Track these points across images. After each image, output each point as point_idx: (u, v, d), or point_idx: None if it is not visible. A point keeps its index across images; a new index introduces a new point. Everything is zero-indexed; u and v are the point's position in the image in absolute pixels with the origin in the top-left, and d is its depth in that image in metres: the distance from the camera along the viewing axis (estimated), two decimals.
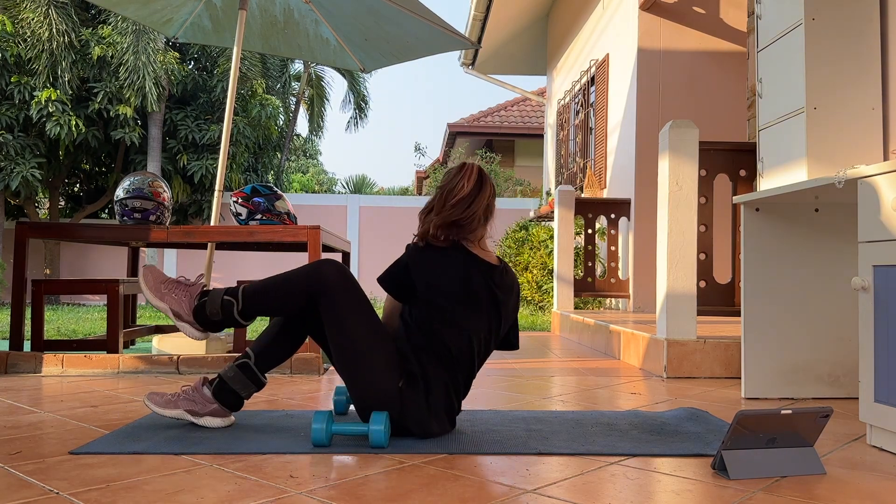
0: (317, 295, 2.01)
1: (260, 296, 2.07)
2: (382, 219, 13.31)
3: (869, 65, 2.77)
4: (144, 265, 2.15)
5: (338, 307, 1.99)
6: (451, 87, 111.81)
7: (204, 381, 2.14)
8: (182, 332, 2.10)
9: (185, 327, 2.09)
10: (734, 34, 6.27)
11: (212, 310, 2.07)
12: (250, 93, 12.08)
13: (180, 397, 2.12)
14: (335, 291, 1.99)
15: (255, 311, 2.08)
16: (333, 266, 2.04)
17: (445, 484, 1.60)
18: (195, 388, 2.13)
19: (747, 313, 2.81)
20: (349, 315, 1.99)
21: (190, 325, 2.09)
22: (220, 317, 2.07)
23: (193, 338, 2.12)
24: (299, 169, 26.65)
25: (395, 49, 4.67)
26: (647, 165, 6.01)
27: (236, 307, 2.06)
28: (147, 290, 2.11)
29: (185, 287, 2.12)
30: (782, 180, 2.90)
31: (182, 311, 2.08)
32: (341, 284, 2.00)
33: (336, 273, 2.02)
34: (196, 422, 2.10)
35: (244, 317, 2.08)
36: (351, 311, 1.99)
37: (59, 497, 1.48)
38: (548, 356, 4.33)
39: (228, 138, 4.11)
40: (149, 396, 2.14)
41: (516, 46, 10.48)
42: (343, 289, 2.00)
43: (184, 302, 2.09)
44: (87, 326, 6.38)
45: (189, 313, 2.08)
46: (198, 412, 2.10)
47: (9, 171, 10.53)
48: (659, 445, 1.96)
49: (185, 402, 2.11)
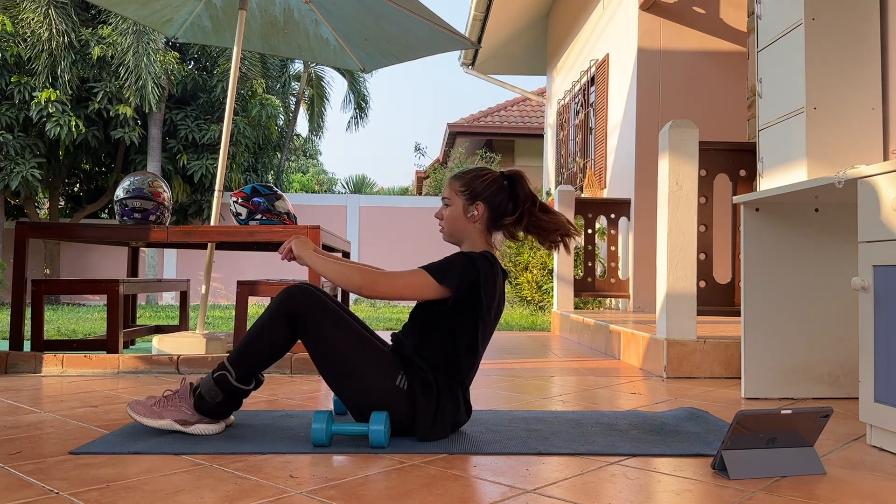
0: (294, 326, 1.96)
1: (247, 356, 2.01)
2: (382, 219, 13.32)
3: (869, 65, 2.77)
4: (128, 404, 2.10)
5: (316, 329, 1.95)
6: (451, 87, 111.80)
7: (190, 389, 2.06)
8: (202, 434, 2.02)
9: (199, 429, 2.02)
10: (734, 34, 6.26)
11: (210, 395, 2.00)
12: (250, 93, 12.09)
13: (165, 405, 2.04)
14: (309, 315, 1.95)
15: (251, 372, 2.02)
16: (298, 292, 1.98)
17: (445, 484, 1.60)
18: (181, 396, 2.05)
19: (747, 313, 2.81)
20: (329, 333, 1.96)
21: (202, 423, 2.02)
22: (222, 396, 2.00)
23: (214, 433, 2.03)
24: (299, 169, 26.65)
25: (395, 49, 4.67)
26: (647, 165, 6.01)
27: (231, 377, 1.99)
28: (145, 420, 2.03)
29: (175, 395, 2.05)
30: (782, 180, 2.90)
31: (187, 416, 2.02)
32: (313, 307, 1.96)
33: (303, 297, 1.97)
34: (186, 431, 2.02)
35: (244, 382, 2.02)
36: (330, 329, 1.96)
37: (59, 497, 1.48)
38: (548, 356, 4.33)
39: (228, 138, 4.11)
40: (132, 406, 2.06)
41: (516, 46, 10.48)
42: (315, 310, 1.96)
43: (182, 406, 2.02)
44: (87, 326, 6.38)
45: (194, 413, 2.02)
46: (187, 421, 2.02)
47: (9, 171, 10.53)
48: (659, 445, 1.96)
49: (171, 412, 2.03)
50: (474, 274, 1.98)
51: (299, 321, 1.96)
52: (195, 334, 3.86)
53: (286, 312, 1.96)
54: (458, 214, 2.11)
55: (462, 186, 2.11)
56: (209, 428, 2.03)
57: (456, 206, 2.11)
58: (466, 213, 2.10)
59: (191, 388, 2.06)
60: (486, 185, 2.11)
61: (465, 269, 1.98)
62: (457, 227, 2.12)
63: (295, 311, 1.96)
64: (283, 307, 1.97)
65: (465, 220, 2.11)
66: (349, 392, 1.99)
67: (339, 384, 2.00)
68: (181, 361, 3.37)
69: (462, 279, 1.97)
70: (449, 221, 2.13)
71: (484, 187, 2.10)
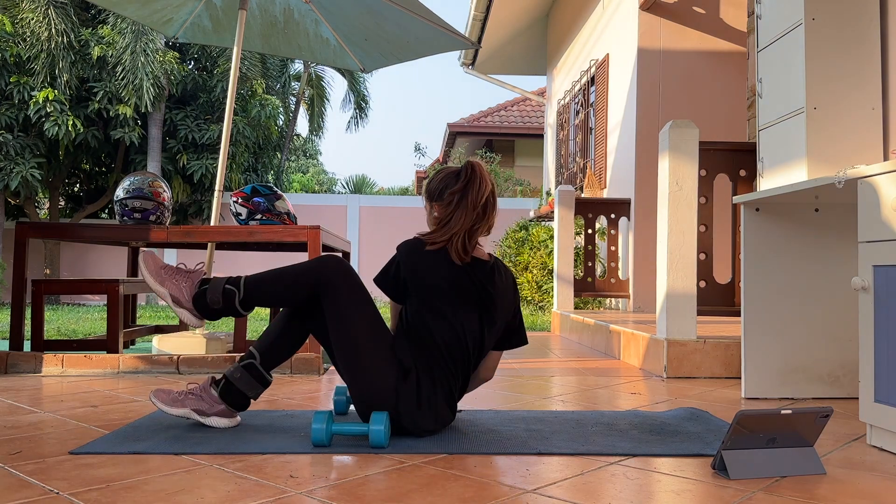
0: (320, 290, 2.01)
1: (263, 286, 2.06)
2: (382, 219, 13.31)
3: (869, 65, 2.77)
4: (144, 250, 2.14)
5: (341, 302, 1.99)
6: (451, 87, 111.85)
7: (211, 381, 2.13)
8: (179, 317, 2.09)
9: (182, 313, 2.07)
10: (734, 34, 6.27)
11: (212, 297, 2.05)
12: (250, 93, 12.08)
13: (187, 396, 2.11)
14: (339, 287, 2.00)
15: (256, 302, 2.08)
16: (337, 262, 2.05)
17: (445, 484, 1.60)
18: (203, 388, 2.12)
19: (747, 313, 2.81)
20: (351, 310, 1.99)
21: (189, 311, 2.07)
22: (221, 305, 2.06)
23: (190, 324, 2.10)
24: (299, 169, 26.65)
25: (395, 49, 4.67)
26: (647, 165, 6.01)
27: (238, 296, 2.05)
28: (147, 274, 2.09)
29: (185, 273, 2.11)
30: (782, 180, 2.90)
31: (181, 297, 2.06)
32: (345, 280, 2.01)
33: (340, 269, 2.03)
34: (203, 421, 2.09)
35: (244, 307, 2.07)
36: (353, 306, 2.00)
37: (59, 497, 1.48)
38: (548, 356, 4.33)
39: (228, 138, 4.11)
40: (155, 394, 2.13)
41: (516, 46, 10.48)
42: (346, 285, 2.01)
43: (184, 288, 2.07)
44: (87, 326, 6.38)
45: (189, 300, 2.06)
46: (205, 412, 2.09)
47: (8, 171, 10.53)
48: (659, 445, 1.96)
49: (192, 401, 2.10)
50: (393, 264, 2.09)
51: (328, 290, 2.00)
52: (195, 334, 3.86)
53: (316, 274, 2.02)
54: (428, 218, 2.17)
55: (424, 191, 2.18)
56: (223, 421, 2.09)
57: (428, 213, 2.17)
58: (429, 216, 2.15)
59: (212, 380, 2.13)
60: (437, 182, 2.14)
61: (388, 264, 2.10)
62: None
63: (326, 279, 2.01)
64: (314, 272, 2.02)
65: (432, 222, 2.15)
66: (352, 374, 2.00)
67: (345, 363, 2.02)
68: (181, 361, 3.37)
69: (386, 275, 2.09)
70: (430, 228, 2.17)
71: (436, 185, 2.14)
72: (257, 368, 2.10)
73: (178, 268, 2.13)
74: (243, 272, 11.71)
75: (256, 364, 2.10)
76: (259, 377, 2.11)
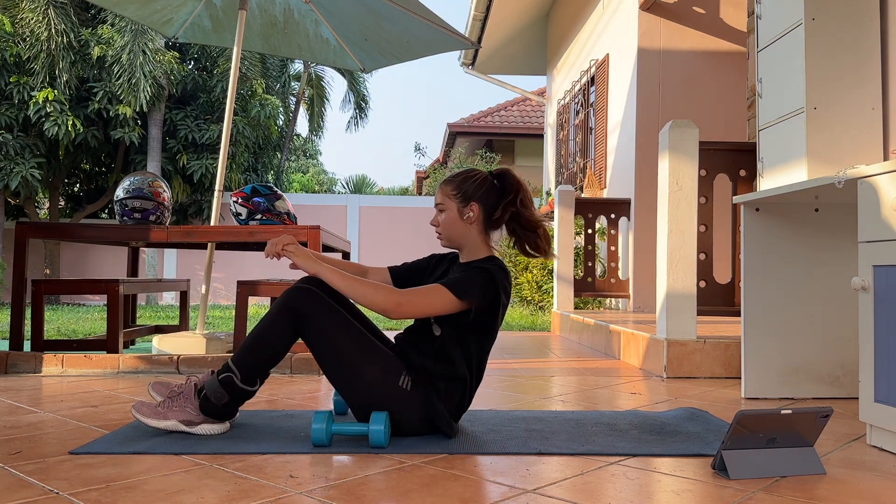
0: (297, 327, 1.96)
1: (251, 355, 2.00)
2: (382, 219, 13.31)
3: (869, 65, 2.77)
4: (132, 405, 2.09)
5: (318, 329, 1.96)
6: (451, 87, 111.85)
7: (195, 389, 2.05)
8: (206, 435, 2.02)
9: (204, 429, 2.01)
10: (734, 34, 6.27)
11: (216, 397, 1.99)
12: (250, 93, 12.09)
13: (170, 406, 2.03)
14: (311, 315, 1.95)
15: (256, 372, 2.01)
16: (301, 293, 1.98)
17: (445, 484, 1.60)
18: (186, 397, 2.04)
19: (747, 313, 2.81)
20: (331, 333, 1.96)
21: (206, 423, 2.02)
22: (228, 397, 2.00)
23: (219, 433, 2.03)
24: (299, 169, 26.66)
25: (395, 49, 4.67)
26: (647, 165, 6.01)
27: (237, 378, 1.99)
28: (149, 421, 2.02)
29: (179, 396, 2.04)
30: (782, 180, 2.90)
31: (192, 417, 2.01)
32: (314, 307, 1.96)
33: (308, 299, 1.97)
34: (191, 431, 2.02)
35: (249, 383, 2.01)
36: (332, 329, 1.96)
37: (59, 497, 1.48)
38: (548, 356, 4.33)
39: (228, 138, 4.11)
40: (136, 408, 2.05)
41: (516, 46, 10.48)
42: (317, 310, 1.96)
43: (187, 407, 2.02)
44: (87, 326, 6.38)
45: (199, 414, 2.01)
46: (192, 421, 2.02)
47: (8, 171, 10.53)
48: (659, 445, 1.96)
49: (176, 413, 2.02)
50: (494, 290, 2.01)
51: (302, 320, 1.96)
52: (195, 334, 3.86)
53: (289, 312, 1.97)
54: (454, 218, 2.11)
55: (454, 189, 2.12)
56: (214, 428, 2.03)
57: (451, 211, 2.12)
58: (462, 215, 2.11)
59: (195, 388, 2.05)
60: (477, 184, 2.12)
61: (486, 285, 2.00)
62: (455, 231, 2.12)
63: (298, 311, 1.96)
64: (287, 306, 1.97)
65: (462, 223, 2.11)
66: (351, 392, 2.00)
67: (341, 384, 2.01)
68: (181, 361, 3.37)
69: (483, 297, 2.00)
70: (446, 226, 2.13)
71: (475, 187, 2.11)
72: (237, 385, 2.00)
73: (171, 393, 2.06)
74: (243, 272, 11.73)
75: (237, 382, 2.00)
76: (240, 393, 2.02)
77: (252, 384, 2.02)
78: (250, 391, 2.03)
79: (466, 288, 1.98)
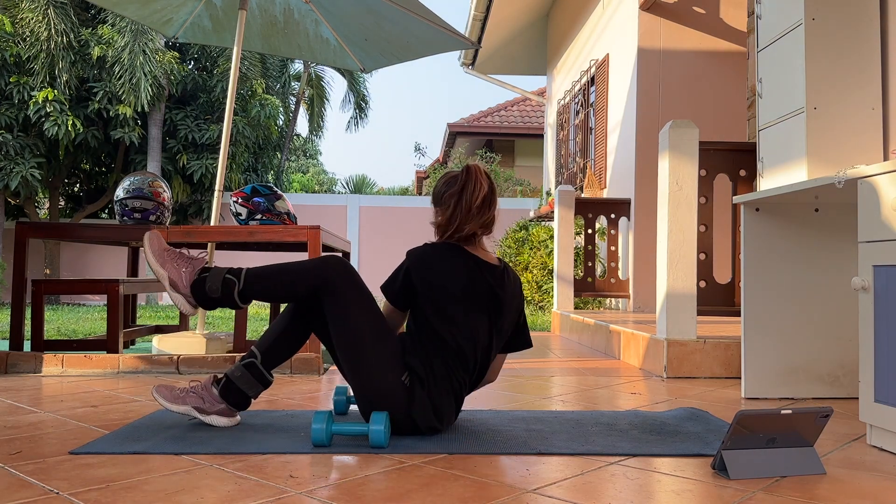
0: (321, 291, 2.01)
1: (263, 280, 2.05)
2: (382, 219, 13.31)
3: (869, 65, 2.77)
4: (152, 230, 2.13)
5: (343, 302, 1.99)
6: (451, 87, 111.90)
7: (213, 380, 2.14)
8: (174, 302, 2.06)
9: (177, 298, 2.04)
10: (734, 34, 6.27)
11: (212, 286, 2.03)
12: (250, 93, 12.08)
13: (189, 393, 2.11)
14: (340, 287, 2.00)
15: (254, 295, 2.06)
16: (339, 262, 2.05)
17: (445, 484, 1.60)
18: (204, 386, 2.12)
19: (747, 313, 2.81)
20: (353, 310, 1.99)
21: (184, 297, 2.04)
22: (219, 294, 2.04)
23: (184, 311, 2.07)
24: (299, 169, 26.66)
25: (395, 49, 4.67)
26: (647, 165, 6.01)
27: (237, 287, 2.03)
28: (150, 254, 2.06)
29: (187, 259, 2.08)
30: (782, 180, 2.90)
31: (180, 283, 2.04)
32: (347, 281, 2.01)
33: (341, 269, 2.02)
34: (203, 419, 2.09)
35: (242, 299, 2.06)
36: (355, 306, 1.99)
37: (59, 497, 1.48)
38: (548, 356, 4.33)
39: (228, 138, 4.11)
40: (157, 389, 2.13)
41: (516, 46, 10.48)
42: (348, 285, 2.00)
43: (184, 273, 2.05)
44: (87, 326, 6.38)
45: (187, 286, 2.04)
46: (205, 410, 2.09)
47: (8, 171, 10.52)
48: (659, 445, 1.96)
49: (193, 399, 2.10)
50: (401, 271, 2.08)
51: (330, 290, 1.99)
52: (195, 334, 3.86)
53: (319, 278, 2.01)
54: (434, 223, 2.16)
55: (432, 196, 2.18)
56: (223, 420, 2.09)
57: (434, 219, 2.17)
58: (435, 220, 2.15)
59: (214, 378, 2.13)
60: (439, 186, 2.16)
61: (396, 271, 2.09)
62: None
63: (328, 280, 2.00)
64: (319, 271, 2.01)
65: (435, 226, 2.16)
66: (356, 373, 2.01)
67: (349, 363, 2.02)
68: (181, 361, 3.37)
69: (394, 282, 2.08)
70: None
71: (437, 192, 2.16)
72: (258, 368, 2.10)
73: (181, 252, 2.11)
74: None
75: (257, 363, 2.10)
76: (260, 376, 2.11)
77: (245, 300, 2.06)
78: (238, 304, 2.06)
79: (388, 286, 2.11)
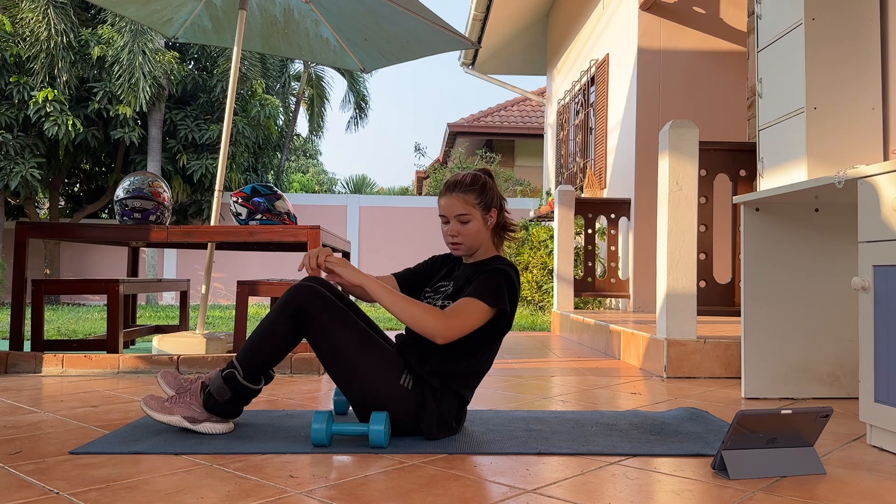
0: (299, 323, 1.98)
1: (254, 353, 2.01)
2: (382, 219, 13.31)
3: (869, 65, 2.77)
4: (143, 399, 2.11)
5: (322, 329, 1.97)
6: (451, 87, 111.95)
7: (201, 387, 2.08)
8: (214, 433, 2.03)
9: (207, 427, 2.03)
10: (734, 34, 6.26)
11: (219, 393, 2.01)
12: (250, 93, 12.08)
13: (177, 402, 2.06)
14: (313, 313, 1.96)
15: (259, 368, 2.02)
16: (304, 289, 1.99)
17: (445, 484, 1.60)
18: (192, 395, 2.06)
19: (747, 313, 2.81)
20: (333, 330, 1.97)
21: (210, 421, 2.03)
22: (230, 393, 2.01)
23: (222, 432, 2.04)
24: (299, 169, 26.65)
25: (395, 49, 4.67)
26: (647, 165, 6.01)
27: (239, 375, 2.00)
28: (155, 414, 2.04)
29: (186, 392, 2.06)
30: (782, 180, 2.90)
31: (195, 413, 2.02)
32: (318, 304, 1.97)
33: (309, 295, 1.98)
34: (193, 429, 2.03)
35: (253, 381, 2.02)
36: (333, 326, 1.97)
37: (59, 497, 1.48)
38: (548, 356, 4.33)
39: (228, 138, 4.11)
40: (145, 401, 2.07)
41: (516, 46, 10.48)
42: (320, 308, 1.97)
43: (193, 404, 2.03)
44: (87, 326, 6.38)
45: (202, 411, 2.02)
46: (196, 419, 2.04)
47: (8, 171, 10.52)
48: (659, 445, 1.96)
49: (181, 409, 2.04)
50: (514, 292, 2.07)
51: (305, 319, 1.97)
52: (195, 334, 3.86)
53: (291, 310, 1.98)
54: (479, 227, 2.13)
55: (477, 198, 2.12)
56: (217, 427, 2.05)
57: (476, 220, 2.12)
58: (486, 223, 2.14)
59: (202, 386, 2.08)
60: (494, 190, 2.18)
61: (510, 288, 2.05)
62: (479, 239, 2.14)
63: (300, 309, 1.97)
64: (289, 305, 1.99)
65: (486, 229, 2.15)
66: (352, 390, 2.01)
67: (342, 381, 2.01)
68: (181, 361, 3.37)
69: (512, 301, 2.06)
70: (472, 236, 2.12)
71: (493, 194, 2.17)
72: (239, 382, 2.02)
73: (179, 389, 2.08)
74: (243, 272, 11.72)
75: (239, 378, 2.01)
76: (243, 391, 2.03)
77: (255, 382, 2.03)
78: (253, 389, 2.04)
79: (496, 295, 2.01)
